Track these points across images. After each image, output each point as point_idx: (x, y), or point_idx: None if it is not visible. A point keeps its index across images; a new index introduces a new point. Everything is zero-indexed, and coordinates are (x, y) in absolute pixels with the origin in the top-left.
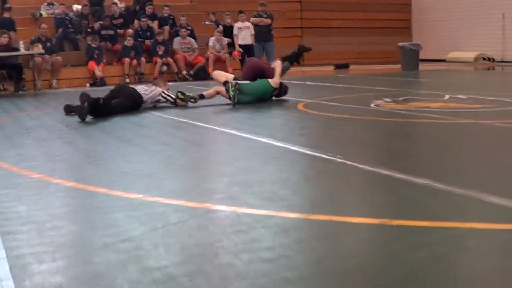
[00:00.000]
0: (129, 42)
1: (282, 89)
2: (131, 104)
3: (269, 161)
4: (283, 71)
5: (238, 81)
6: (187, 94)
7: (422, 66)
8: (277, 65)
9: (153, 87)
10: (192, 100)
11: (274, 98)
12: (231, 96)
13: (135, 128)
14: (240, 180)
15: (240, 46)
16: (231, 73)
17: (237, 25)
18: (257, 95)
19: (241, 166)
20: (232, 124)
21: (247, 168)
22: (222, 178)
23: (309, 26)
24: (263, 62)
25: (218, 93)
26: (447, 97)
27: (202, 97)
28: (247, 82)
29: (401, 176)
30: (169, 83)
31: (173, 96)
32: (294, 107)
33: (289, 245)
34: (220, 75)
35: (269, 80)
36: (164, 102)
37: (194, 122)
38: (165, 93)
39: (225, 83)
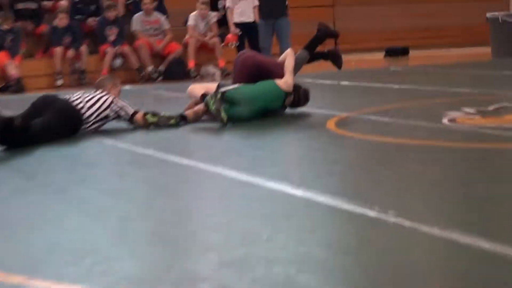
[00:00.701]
0: (61, 21)
1: (300, 95)
2: (64, 125)
3: (281, 223)
4: (298, 65)
5: (225, 88)
6: (161, 115)
7: None
8: (288, 55)
9: (97, 93)
10: (172, 121)
11: (287, 109)
12: (213, 111)
13: (72, 167)
14: (236, 258)
15: (237, 25)
16: (221, 69)
17: None
18: (259, 105)
19: (238, 232)
20: (222, 157)
21: (246, 236)
22: (207, 255)
23: None
24: (263, 57)
25: (207, 111)
26: None
27: (183, 118)
28: (241, 86)
29: (491, 248)
30: (126, 87)
31: (129, 110)
32: (321, 126)
33: None
34: (196, 89)
35: (277, 80)
36: (114, 118)
37: (164, 155)
38: (117, 104)
39: (203, 97)
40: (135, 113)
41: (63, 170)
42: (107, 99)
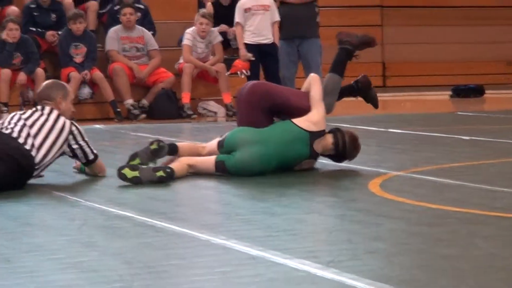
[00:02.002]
0: (11, 33)
1: (343, 137)
2: (8, 171)
3: None
4: (331, 92)
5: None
6: (143, 166)
7: None
8: (313, 82)
9: (45, 113)
10: (162, 175)
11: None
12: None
13: (20, 232)
14: None
15: (250, 47)
16: (226, 106)
17: (244, 3)
18: (271, 149)
19: None
20: (225, 224)
21: None
22: None
23: (398, 4)
24: (278, 85)
25: (191, 166)
26: None
27: (171, 174)
28: (244, 129)
29: None
30: (96, 126)
31: (89, 151)
32: (361, 188)
33: None
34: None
35: (296, 120)
36: (69, 156)
37: (146, 219)
38: (76, 138)
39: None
40: (97, 156)
41: (8, 234)
42: (63, 125)
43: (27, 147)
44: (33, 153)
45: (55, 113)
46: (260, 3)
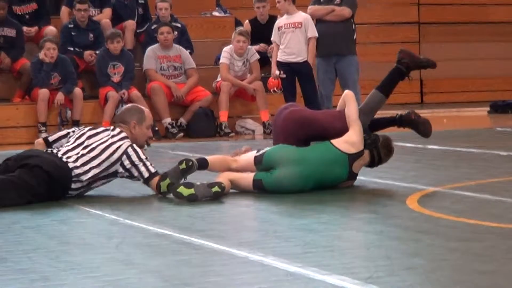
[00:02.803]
0: (48, 53)
1: (379, 150)
2: (42, 185)
3: None
4: (369, 111)
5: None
6: (197, 184)
7: None
8: (348, 100)
9: (109, 135)
10: (218, 190)
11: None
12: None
13: (59, 250)
14: None
15: (282, 65)
16: (264, 124)
17: (278, 22)
18: (309, 171)
19: None
20: (264, 241)
21: None
22: None
23: (435, 20)
24: (314, 111)
25: (231, 181)
26: None
27: (224, 188)
28: (284, 147)
29: None
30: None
31: (144, 169)
32: (399, 204)
33: None
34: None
35: (333, 141)
36: (123, 177)
37: (185, 237)
38: (131, 158)
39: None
40: (153, 175)
41: (47, 252)
42: (119, 147)
43: (65, 159)
44: (71, 165)
45: (121, 135)
46: (291, 21)
